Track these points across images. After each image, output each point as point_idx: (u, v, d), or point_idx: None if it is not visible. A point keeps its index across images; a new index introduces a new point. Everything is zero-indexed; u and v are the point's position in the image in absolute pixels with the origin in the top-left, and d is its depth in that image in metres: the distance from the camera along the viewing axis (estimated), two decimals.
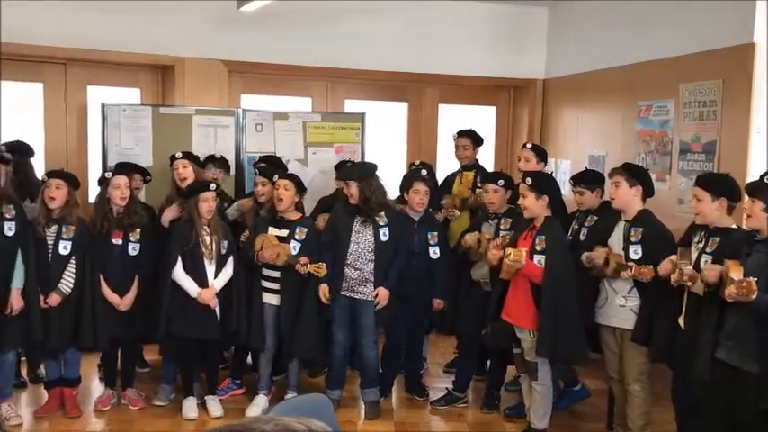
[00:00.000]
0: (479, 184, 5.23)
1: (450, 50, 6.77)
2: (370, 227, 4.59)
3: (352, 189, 4.58)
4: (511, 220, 4.52)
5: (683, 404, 3.76)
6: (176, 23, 6.02)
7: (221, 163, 5.47)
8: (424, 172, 5.01)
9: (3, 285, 4.29)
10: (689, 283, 3.53)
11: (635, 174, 4.09)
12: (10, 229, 4.31)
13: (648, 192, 4.09)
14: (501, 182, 4.73)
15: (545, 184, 4.19)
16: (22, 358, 4.98)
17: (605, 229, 4.19)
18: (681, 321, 3.69)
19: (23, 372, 5.09)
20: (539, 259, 4.01)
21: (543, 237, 4.06)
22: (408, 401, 4.99)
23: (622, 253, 3.99)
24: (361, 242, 4.59)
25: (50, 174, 4.56)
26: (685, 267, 3.53)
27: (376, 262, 4.58)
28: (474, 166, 5.65)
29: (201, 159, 5.24)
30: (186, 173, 4.89)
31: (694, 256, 3.64)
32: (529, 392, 4.27)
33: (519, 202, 4.21)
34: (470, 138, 5.64)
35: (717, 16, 4.93)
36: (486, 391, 4.91)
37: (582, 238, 4.50)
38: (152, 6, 5.91)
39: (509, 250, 4.00)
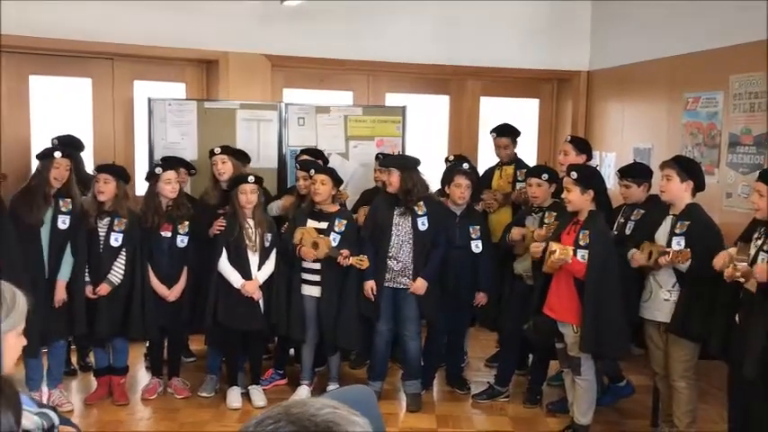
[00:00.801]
0: (520, 179, 5.18)
1: (492, 42, 6.72)
2: (409, 217, 4.60)
3: (393, 177, 4.59)
4: (555, 214, 4.47)
5: (736, 403, 3.69)
6: (221, 19, 6.09)
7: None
8: (465, 165, 4.99)
9: (53, 276, 4.42)
10: (741, 280, 3.45)
11: (687, 167, 4.02)
12: (64, 222, 4.44)
13: (699, 186, 4.02)
14: (545, 176, 4.68)
15: (590, 178, 4.14)
16: (72, 347, 5.12)
17: (652, 223, 4.13)
18: (737, 317, 3.61)
19: (74, 360, 5.23)
20: (582, 254, 3.96)
21: (587, 231, 4.01)
22: (450, 395, 4.99)
23: (665, 247, 3.93)
24: (402, 233, 4.60)
25: (99, 168, 4.68)
26: (740, 263, 3.45)
27: (415, 251, 4.59)
28: (513, 161, 5.59)
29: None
30: (225, 168, 4.96)
31: (753, 252, 3.56)
32: (572, 388, 4.24)
33: (563, 196, 4.16)
34: (509, 136, 5.58)
35: None
36: (528, 385, 4.89)
37: (628, 232, 4.43)
38: (197, 2, 5.99)
39: (554, 246, 3.96)
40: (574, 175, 4.08)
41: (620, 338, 4.04)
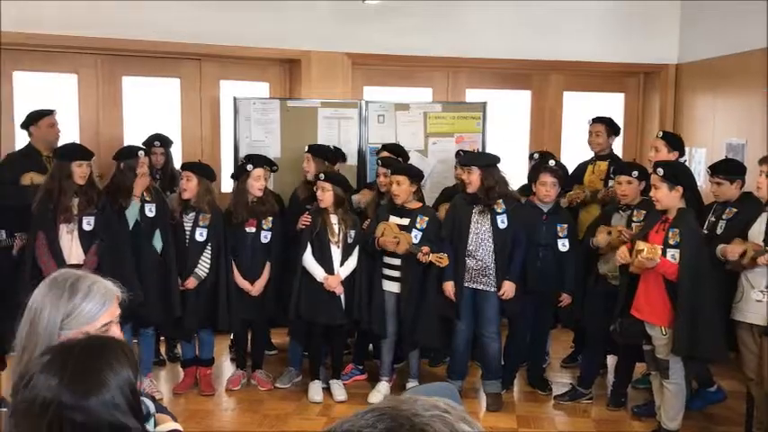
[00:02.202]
0: (613, 176, 5.05)
1: (575, 35, 6.56)
2: (488, 215, 4.56)
3: (473, 176, 4.55)
4: (645, 212, 4.33)
5: None
6: (303, 19, 6.18)
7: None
8: (552, 163, 4.89)
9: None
10: None
11: None
12: (151, 210, 4.65)
13: None
14: (635, 173, 4.54)
15: (678, 175, 4.00)
16: (161, 338, 5.32)
17: (746, 222, 3.95)
18: None
19: (162, 350, 5.43)
20: (672, 254, 3.83)
21: (677, 230, 3.88)
22: (531, 395, 4.92)
23: (762, 245, 3.75)
24: (481, 231, 4.57)
25: (184, 166, 4.86)
26: None
27: (495, 250, 4.54)
28: (608, 156, 5.44)
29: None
30: (309, 166, 5.08)
31: None
32: (659, 391, 4.10)
33: (651, 194, 4.03)
34: (604, 124, 5.43)
35: None
36: (612, 388, 4.76)
37: (719, 231, 4.26)
38: (281, 3, 6.10)
39: (641, 245, 3.84)
40: (661, 171, 3.94)
41: (716, 341, 3.88)
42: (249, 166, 4.83)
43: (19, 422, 1.42)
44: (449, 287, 4.57)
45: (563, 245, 4.74)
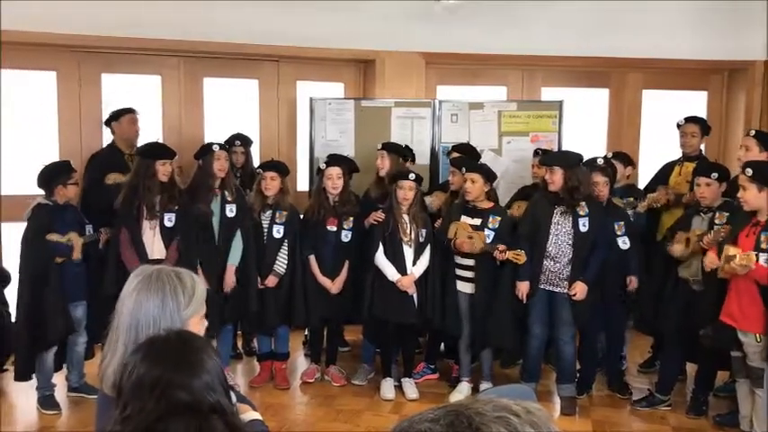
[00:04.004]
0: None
1: (654, 32, 6.38)
2: (570, 217, 4.48)
3: (556, 176, 4.47)
4: (727, 215, 4.18)
5: None
6: (378, 19, 6.23)
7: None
8: (600, 161, 4.75)
9: (224, 262, 4.75)
10: None
11: None
12: (231, 210, 4.77)
13: None
14: (715, 175, 4.39)
15: None
16: (238, 332, 5.46)
17: None
18: None
19: (239, 344, 5.58)
20: (765, 258, 3.68)
21: None
22: (608, 399, 4.82)
23: None
24: (561, 233, 4.50)
25: (265, 166, 4.95)
26: None
27: (574, 254, 4.47)
28: (697, 157, 5.25)
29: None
30: (383, 163, 5.10)
31: None
32: (746, 399, 3.96)
33: (738, 195, 3.88)
34: (699, 124, 5.26)
35: None
36: (692, 395, 4.61)
37: None
38: (356, 3, 6.16)
39: (732, 250, 3.70)
40: (749, 171, 3.80)
41: None
42: (322, 165, 4.92)
43: (128, 401, 1.53)
44: (524, 287, 4.52)
45: (623, 242, 4.64)
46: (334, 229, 4.87)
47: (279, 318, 4.86)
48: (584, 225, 4.46)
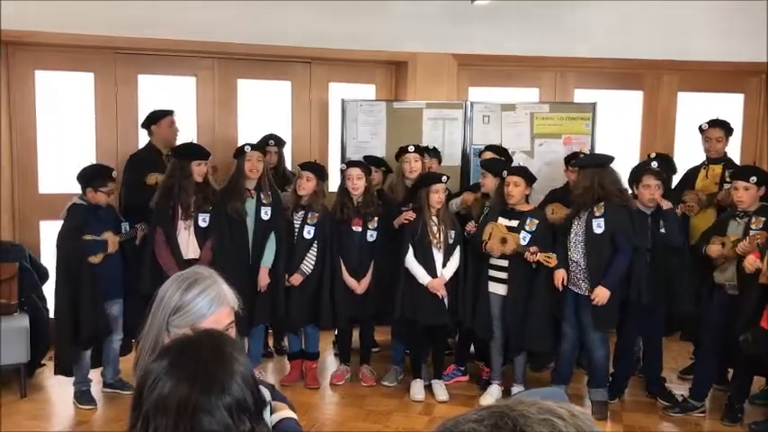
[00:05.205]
0: (728, 180, 4.80)
1: (690, 33, 6.29)
2: (584, 218, 4.45)
3: (575, 177, 4.46)
4: (764, 219, 4.11)
5: None
6: (410, 21, 6.23)
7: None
8: (654, 164, 4.71)
9: (256, 264, 4.80)
10: None
11: None
12: (266, 213, 4.82)
13: None
14: (753, 178, 4.32)
15: None
16: (270, 331, 5.51)
17: None
18: None
19: (270, 343, 5.63)
20: None
21: None
22: (640, 405, 4.77)
23: None
24: (579, 233, 4.47)
25: (303, 166, 4.99)
26: None
27: (588, 255, 4.42)
28: (722, 159, 5.19)
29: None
30: (417, 166, 5.10)
31: None
32: None
33: None
34: (724, 129, 5.20)
35: None
36: (727, 402, 4.54)
37: None
38: (388, 5, 6.18)
39: None
40: None
41: None
42: (342, 166, 4.94)
43: (151, 418, 1.44)
44: (559, 275, 4.47)
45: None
46: (359, 229, 4.89)
47: (304, 317, 4.89)
48: (598, 226, 4.40)
